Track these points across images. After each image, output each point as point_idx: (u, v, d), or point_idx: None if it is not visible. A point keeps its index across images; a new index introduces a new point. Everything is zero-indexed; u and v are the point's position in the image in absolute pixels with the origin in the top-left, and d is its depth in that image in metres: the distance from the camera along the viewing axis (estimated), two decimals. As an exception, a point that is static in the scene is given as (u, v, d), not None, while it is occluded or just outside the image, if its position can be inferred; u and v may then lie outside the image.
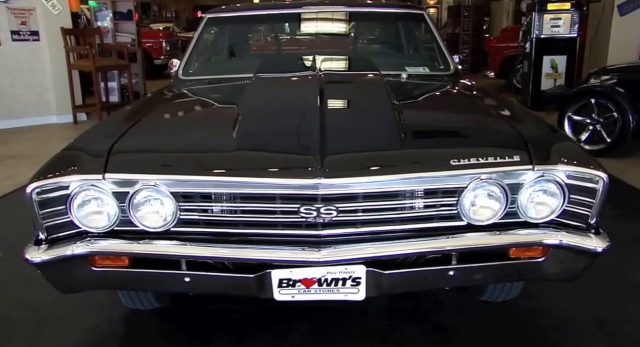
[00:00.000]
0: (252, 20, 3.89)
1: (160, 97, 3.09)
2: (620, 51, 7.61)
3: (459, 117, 2.58)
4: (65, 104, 8.12)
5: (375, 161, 1.97)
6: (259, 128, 2.22)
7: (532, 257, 2.03)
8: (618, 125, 5.52)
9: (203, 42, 3.77)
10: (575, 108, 5.87)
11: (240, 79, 3.13)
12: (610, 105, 5.56)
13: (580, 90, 5.92)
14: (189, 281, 2.02)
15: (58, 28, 7.93)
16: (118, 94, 8.99)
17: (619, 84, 5.57)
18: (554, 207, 1.99)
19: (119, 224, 2.01)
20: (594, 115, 5.76)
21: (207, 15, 3.78)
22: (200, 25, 3.76)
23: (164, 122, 2.62)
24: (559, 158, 2.01)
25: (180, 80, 3.44)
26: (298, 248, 1.93)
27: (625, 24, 7.76)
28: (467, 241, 1.97)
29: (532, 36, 8.27)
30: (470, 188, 1.95)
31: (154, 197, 1.96)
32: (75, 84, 8.22)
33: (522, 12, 12.69)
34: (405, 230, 2.00)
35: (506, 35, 11.30)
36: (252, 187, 1.93)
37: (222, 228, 2.00)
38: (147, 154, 2.14)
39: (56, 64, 8.06)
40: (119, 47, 8.82)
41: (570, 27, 8.10)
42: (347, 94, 2.60)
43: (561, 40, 8.16)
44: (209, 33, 3.85)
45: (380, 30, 4.37)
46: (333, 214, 1.92)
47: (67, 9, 8.30)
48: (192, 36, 3.83)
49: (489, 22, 15.78)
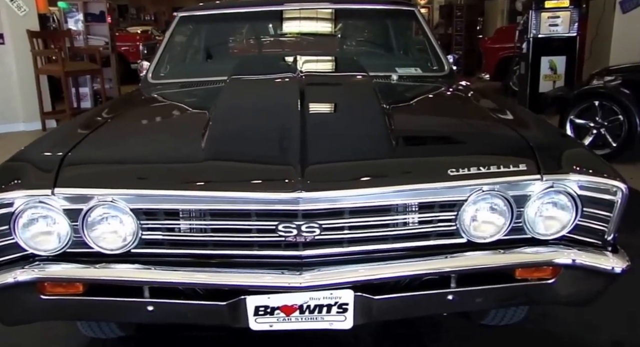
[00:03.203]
0: (228, 18, 3.76)
1: (125, 102, 2.97)
2: (623, 50, 7.54)
3: (456, 122, 2.46)
4: (33, 110, 8.00)
5: (363, 172, 1.85)
6: (231, 135, 2.10)
7: (541, 278, 1.91)
8: (624, 128, 5.44)
9: (175, 43, 3.65)
10: (578, 111, 5.79)
11: (215, 82, 3.01)
12: (615, 107, 5.48)
13: (583, 92, 5.86)
14: (153, 310, 1.89)
15: (24, 30, 7.79)
16: (91, 99, 8.94)
17: (624, 85, 5.51)
18: (565, 221, 1.88)
19: (71, 246, 1.87)
20: (597, 119, 5.68)
21: (179, 14, 3.65)
22: (172, 24, 3.63)
23: (126, 130, 2.47)
24: (570, 166, 1.89)
25: (149, 84, 3.30)
26: (277, 271, 1.81)
27: (628, 21, 7.69)
28: (467, 261, 1.85)
29: (529, 36, 8.19)
30: (470, 201, 1.83)
31: (112, 214, 1.84)
32: (44, 90, 8.12)
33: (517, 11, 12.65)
34: (397, 249, 1.87)
35: (501, 36, 11.29)
36: (223, 202, 1.81)
37: (190, 249, 1.88)
38: (104, 165, 2.00)
39: (23, 69, 7.94)
40: (90, 50, 8.72)
41: (569, 25, 8.03)
42: (331, 97, 2.49)
43: (560, 40, 8.09)
44: (182, 33, 3.73)
45: (368, 29, 4.27)
46: (316, 232, 1.80)
47: (34, 10, 8.19)
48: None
49: (483, 22, 15.84)
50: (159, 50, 3.52)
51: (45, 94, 8.13)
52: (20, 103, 8.07)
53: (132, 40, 14.51)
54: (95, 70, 8.39)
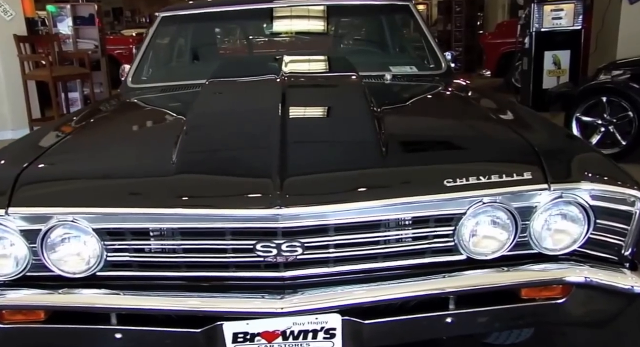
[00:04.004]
0: (213, 18, 3.61)
1: (99, 109, 2.81)
2: (631, 43, 7.34)
3: (453, 125, 2.30)
4: (22, 117, 7.86)
5: (349, 183, 1.71)
6: (205, 145, 1.97)
7: (550, 298, 1.77)
8: (634, 125, 5.31)
9: (157, 44, 3.51)
10: (584, 108, 5.63)
11: (198, 85, 2.85)
12: (624, 103, 5.35)
13: (589, 87, 5.71)
14: (121, 337, 1.77)
15: (11, 35, 7.66)
16: (81, 104, 8.77)
17: (633, 80, 5.37)
18: (575, 235, 1.73)
19: (31, 270, 1.75)
20: (605, 115, 5.53)
21: (161, 14, 3.49)
22: (153, 25, 3.48)
23: (93, 141, 2.32)
24: (581, 173, 1.74)
25: (129, 88, 3.16)
26: (256, 295, 1.68)
27: (636, 13, 7.51)
28: (468, 281, 1.71)
29: (532, 30, 8.08)
30: (470, 214, 1.69)
31: (73, 235, 1.71)
32: (32, 96, 7.98)
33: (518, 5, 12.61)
34: (389, 268, 1.73)
35: (502, 31, 11.24)
36: (195, 220, 1.68)
37: (161, 271, 1.75)
38: (65, 181, 1.86)
39: (10, 75, 7.82)
40: (79, 54, 8.58)
41: (573, 18, 7.94)
42: (314, 100, 2.36)
43: (564, 34, 7.98)
44: (164, 34, 3.58)
45: (360, 26, 4.14)
46: (298, 251, 1.66)
47: (21, 14, 8.07)
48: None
49: (483, 18, 15.72)
50: (139, 52, 3.37)
51: (33, 100, 8.01)
52: (7, 110, 7.96)
53: (125, 43, 14.21)
54: (85, 74, 8.25)
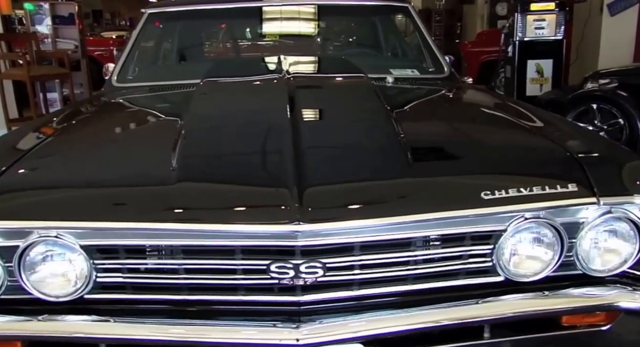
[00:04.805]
0: (202, 15, 3.36)
1: (82, 109, 2.54)
2: (612, 53, 7.47)
3: (480, 132, 2.08)
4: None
5: (378, 196, 1.49)
6: (209, 150, 1.75)
7: (593, 324, 1.57)
8: (625, 132, 5.35)
9: (144, 42, 3.26)
10: (575, 114, 5.66)
11: (190, 85, 2.62)
12: (614, 110, 5.40)
13: (579, 95, 5.76)
14: None
15: (-14, 33, 7.38)
16: (60, 105, 8.49)
17: (620, 88, 5.41)
18: (626, 255, 1.53)
19: (6, 292, 1.50)
20: (596, 122, 5.55)
21: (147, 10, 3.23)
22: (140, 22, 3.22)
23: (78, 145, 2.05)
24: (632, 185, 1.54)
25: (113, 88, 2.90)
26: (268, 323, 1.45)
27: (617, 24, 7.62)
28: (506, 307, 1.50)
29: (515, 39, 8.06)
30: (510, 231, 1.48)
31: (57, 252, 1.47)
32: (9, 96, 7.63)
33: (497, 15, 12.66)
34: (419, 291, 1.51)
35: (483, 40, 11.24)
36: (200, 236, 1.44)
37: (159, 294, 1.51)
38: (47, 190, 1.60)
39: (-15, 74, 7.47)
40: (58, 53, 8.28)
41: (555, 28, 7.92)
42: (326, 102, 2.13)
43: (546, 43, 7.97)
44: (151, 31, 3.33)
45: (358, 28, 3.92)
46: (318, 272, 1.44)
47: (-4, 11, 7.76)
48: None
49: (461, 27, 15.72)
50: (125, 50, 3.12)
51: (10, 100, 7.66)
52: (-17, 110, 7.62)
53: (106, 44, 14.29)
54: (64, 74, 7.96)
